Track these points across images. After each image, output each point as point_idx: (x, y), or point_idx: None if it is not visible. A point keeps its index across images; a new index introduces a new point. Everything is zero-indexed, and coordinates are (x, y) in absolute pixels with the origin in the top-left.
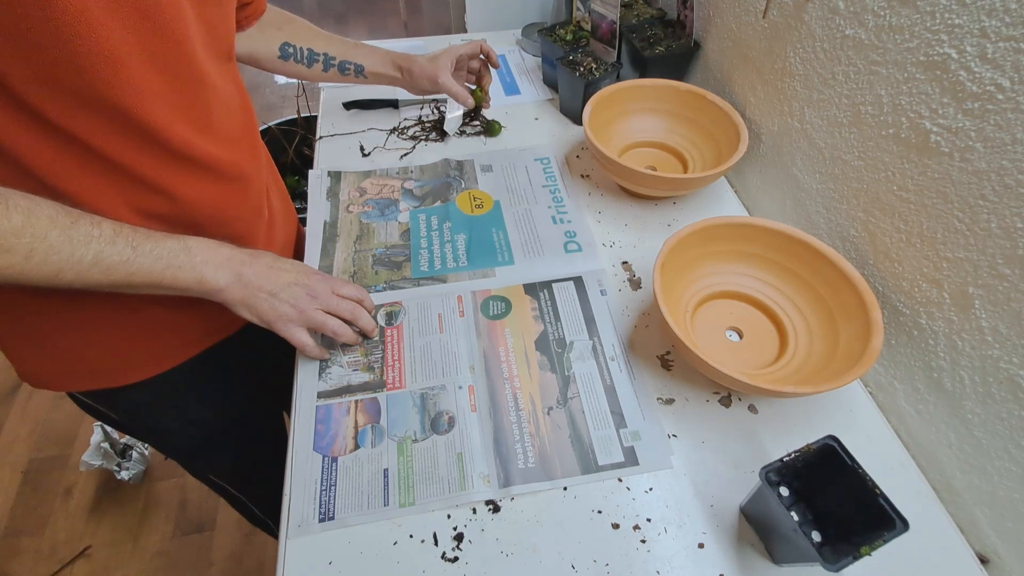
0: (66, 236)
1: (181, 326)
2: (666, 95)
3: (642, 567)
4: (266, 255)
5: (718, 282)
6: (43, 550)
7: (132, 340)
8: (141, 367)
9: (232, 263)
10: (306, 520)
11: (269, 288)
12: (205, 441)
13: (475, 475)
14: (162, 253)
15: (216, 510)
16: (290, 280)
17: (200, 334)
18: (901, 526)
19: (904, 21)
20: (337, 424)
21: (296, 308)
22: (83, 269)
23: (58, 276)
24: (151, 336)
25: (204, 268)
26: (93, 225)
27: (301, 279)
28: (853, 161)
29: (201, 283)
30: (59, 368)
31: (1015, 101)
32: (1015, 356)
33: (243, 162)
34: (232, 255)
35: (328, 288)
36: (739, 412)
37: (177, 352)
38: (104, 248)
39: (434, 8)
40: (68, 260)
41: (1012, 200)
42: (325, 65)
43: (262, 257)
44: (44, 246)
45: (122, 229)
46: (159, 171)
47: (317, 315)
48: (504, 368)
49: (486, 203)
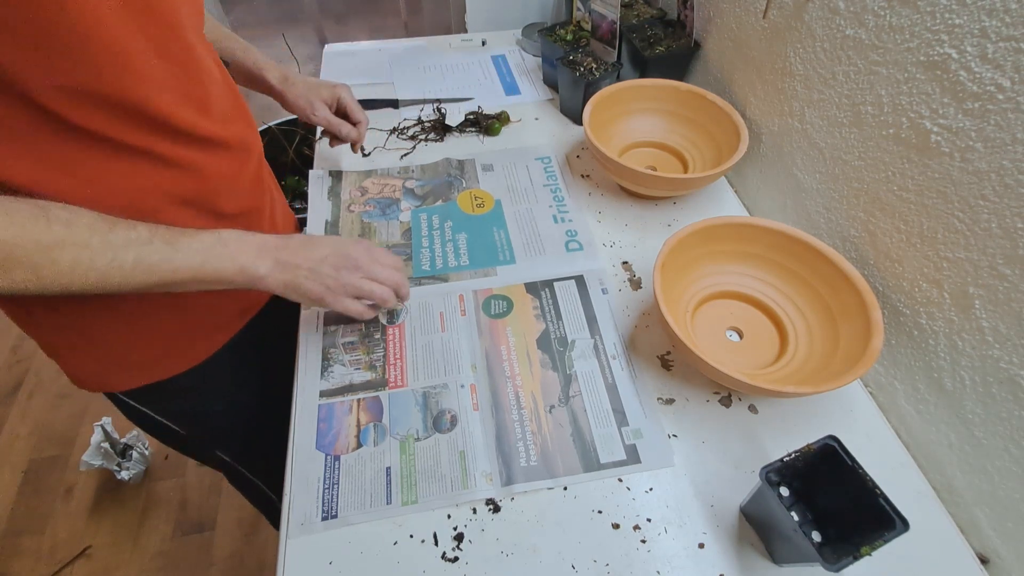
0: (106, 242)
1: (217, 308)
2: (666, 95)
3: (642, 567)
4: (295, 236)
5: (718, 282)
6: (43, 550)
7: (176, 328)
8: (187, 353)
9: (267, 248)
10: (309, 518)
11: (308, 265)
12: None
13: (478, 473)
14: (200, 247)
15: (216, 510)
16: (326, 253)
17: (234, 314)
18: (901, 526)
19: (904, 21)
20: (339, 423)
21: (339, 280)
22: (127, 273)
23: (104, 282)
24: (192, 322)
25: (242, 257)
26: (130, 228)
27: (339, 249)
28: (853, 161)
29: (243, 272)
30: (112, 367)
31: (1015, 101)
32: (1015, 356)
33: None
34: (264, 241)
35: (369, 256)
36: (739, 412)
37: (217, 335)
38: (143, 249)
39: (434, 8)
40: (111, 265)
41: (1012, 200)
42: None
43: (292, 238)
44: (87, 254)
45: (157, 229)
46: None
47: (363, 284)
48: (506, 366)
49: (487, 202)
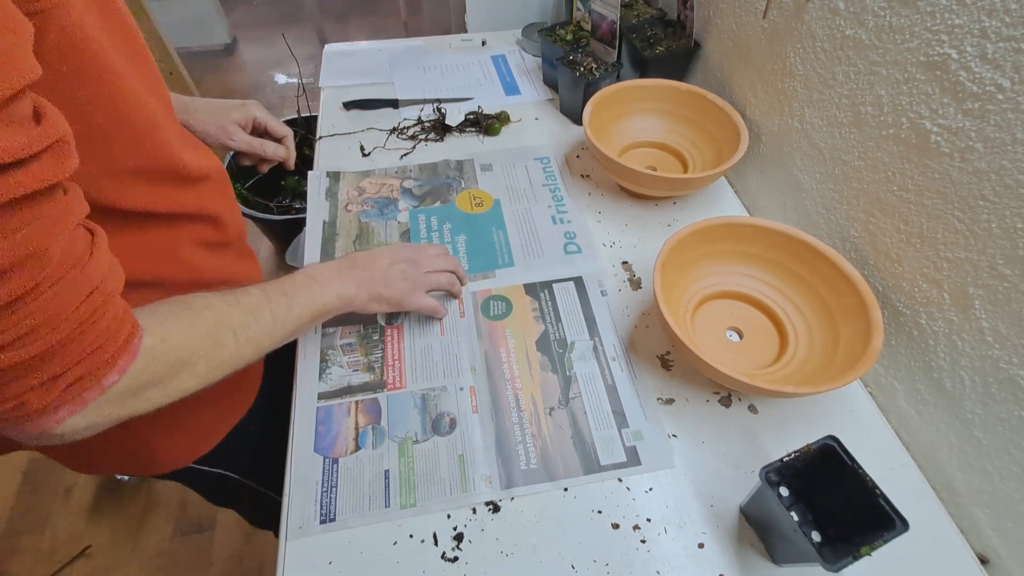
0: (244, 311)
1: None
2: (666, 95)
3: (642, 567)
4: (358, 254)
5: (718, 282)
6: (43, 550)
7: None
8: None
9: (343, 273)
10: (307, 521)
11: (379, 277)
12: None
13: (477, 477)
14: (301, 289)
15: (216, 510)
16: (388, 262)
17: None
18: (901, 526)
19: (904, 21)
20: (338, 425)
21: (411, 281)
22: (269, 331)
23: (260, 347)
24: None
25: (335, 286)
26: (247, 294)
27: (396, 257)
28: (853, 161)
29: (341, 298)
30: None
31: (1015, 101)
32: (1015, 356)
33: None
34: (339, 266)
35: (419, 251)
36: (739, 412)
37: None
38: (270, 306)
39: (434, 8)
40: (258, 328)
41: (1012, 200)
42: None
43: (357, 256)
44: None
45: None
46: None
47: (430, 278)
48: (505, 369)
49: (486, 202)
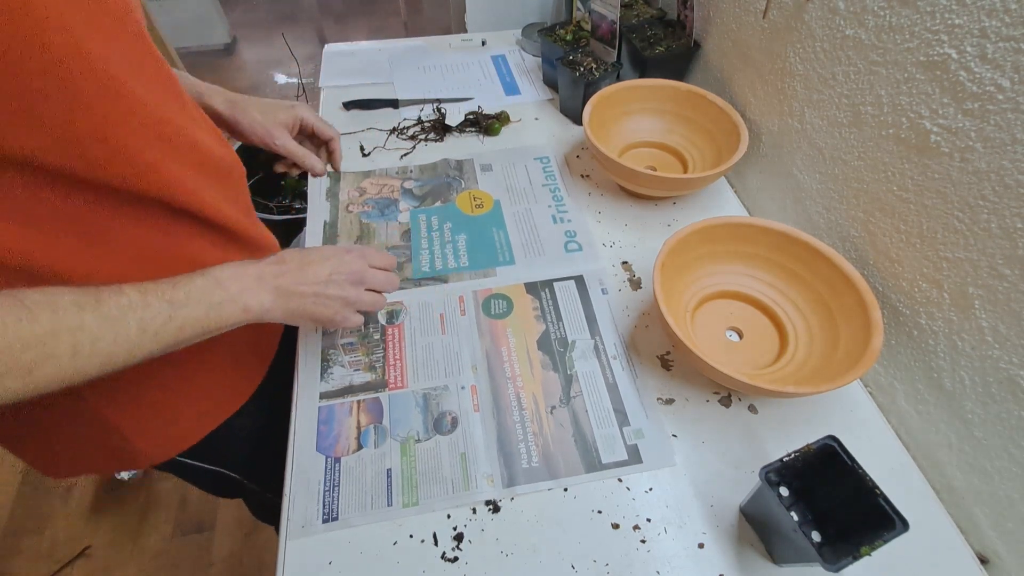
0: (100, 317)
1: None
2: (666, 95)
3: (642, 567)
4: (291, 255)
5: (718, 282)
6: (43, 550)
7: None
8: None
9: (265, 279)
10: (309, 521)
11: (312, 290)
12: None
13: (479, 475)
14: (197, 295)
15: (216, 510)
16: (328, 272)
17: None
18: (901, 526)
19: (904, 21)
20: (340, 424)
21: (346, 301)
22: (132, 345)
23: (110, 362)
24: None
25: (243, 296)
26: (118, 295)
27: (338, 268)
28: (853, 161)
29: (247, 311)
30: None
31: (1015, 101)
32: (1015, 356)
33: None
34: (261, 271)
35: (365, 265)
36: (739, 412)
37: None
38: (142, 314)
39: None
40: (115, 341)
41: (1012, 200)
42: None
43: (288, 260)
44: (86, 337)
45: (147, 289)
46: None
47: (365, 297)
48: (507, 368)
49: (486, 203)
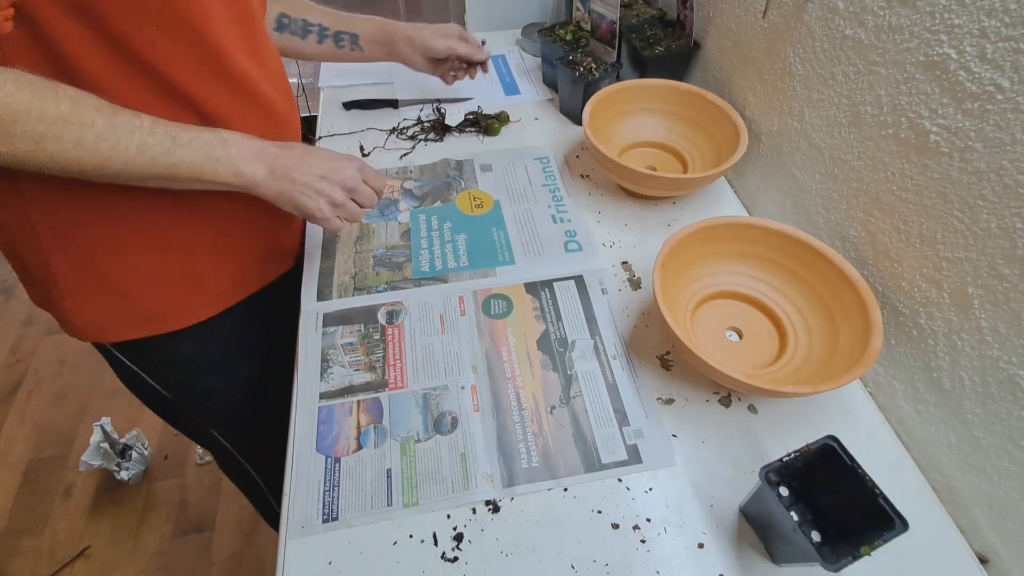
0: (111, 124)
1: (220, 275)
2: (666, 95)
3: (642, 567)
4: (297, 146)
5: (718, 282)
6: (43, 550)
7: (180, 284)
8: (188, 312)
9: (265, 155)
10: (309, 521)
11: (304, 180)
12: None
13: (479, 475)
14: (200, 144)
15: (216, 510)
16: (323, 171)
17: (235, 284)
18: (901, 526)
19: (904, 21)
20: (340, 425)
21: (331, 200)
22: (129, 158)
23: (107, 164)
24: (196, 282)
25: (240, 162)
26: (134, 116)
27: (336, 168)
28: (853, 161)
29: (239, 176)
30: (113, 314)
31: (1015, 101)
32: (1015, 356)
33: (283, 102)
34: (264, 147)
35: (359, 178)
36: (739, 412)
37: (217, 300)
38: (147, 138)
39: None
40: (115, 148)
41: (1012, 200)
42: (319, 36)
43: (293, 148)
44: (92, 134)
45: (160, 121)
46: (221, 103)
47: (349, 206)
48: (506, 367)
49: (486, 203)
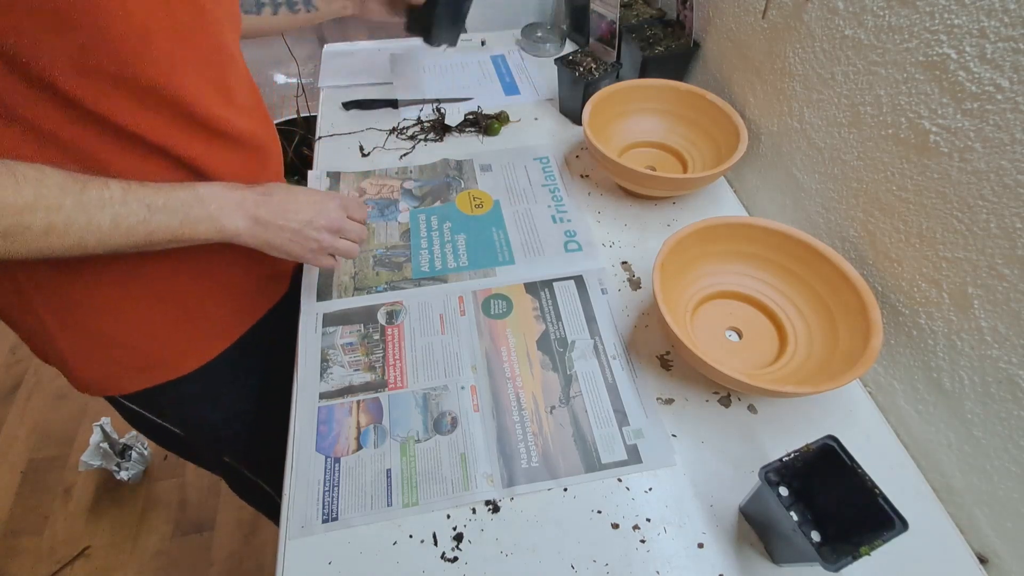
0: (79, 203)
1: (220, 314)
2: (666, 95)
3: (642, 567)
4: (277, 189)
5: (718, 282)
6: (42, 550)
7: (181, 330)
8: (194, 354)
9: (246, 205)
10: (309, 521)
11: (291, 227)
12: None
13: (479, 475)
14: (176, 206)
15: (216, 510)
16: (309, 218)
17: (237, 319)
18: (900, 526)
19: (903, 21)
20: (339, 425)
21: (320, 245)
22: (104, 234)
23: (80, 245)
24: (197, 325)
25: (221, 217)
26: (102, 187)
27: (320, 215)
28: (852, 161)
29: (221, 232)
30: (118, 369)
31: (1014, 101)
32: (1014, 356)
33: (260, 131)
34: (244, 197)
35: (344, 215)
36: (739, 412)
37: (220, 337)
38: (119, 210)
39: None
40: (87, 228)
41: (1011, 200)
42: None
43: (274, 193)
44: (61, 217)
45: (131, 187)
46: (191, 146)
47: (339, 245)
48: (506, 367)
49: (486, 203)
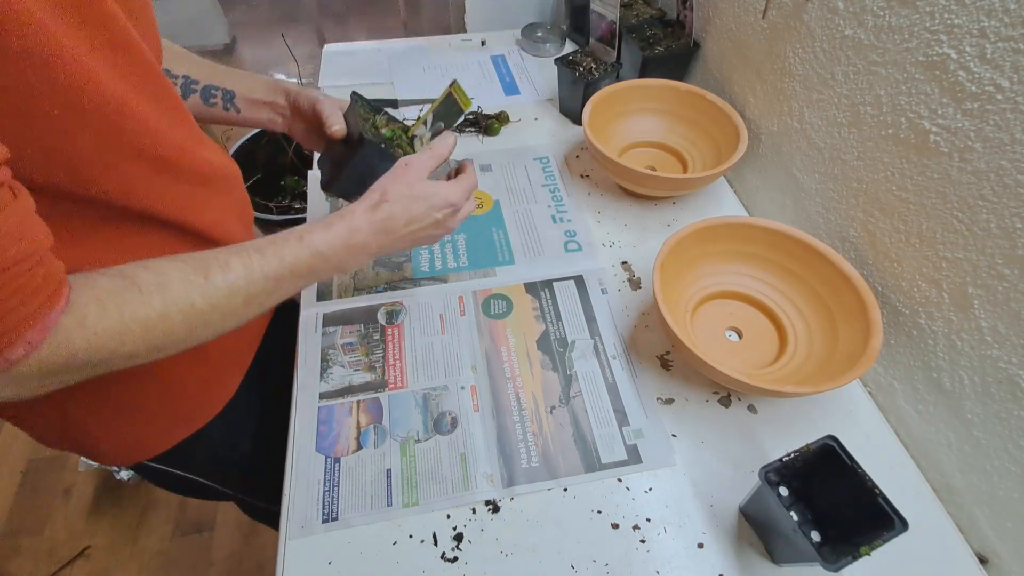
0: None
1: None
2: (666, 95)
3: (642, 567)
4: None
5: (718, 282)
6: (42, 550)
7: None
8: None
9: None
10: (309, 521)
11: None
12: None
13: (479, 475)
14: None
15: (216, 510)
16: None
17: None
18: (900, 526)
19: (903, 21)
20: (339, 425)
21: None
22: (240, 317)
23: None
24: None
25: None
26: (225, 270)
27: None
28: (852, 161)
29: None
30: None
31: (1014, 101)
32: (1014, 356)
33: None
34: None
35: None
36: (739, 412)
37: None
38: (249, 290)
39: (434, 8)
40: (224, 317)
41: (1011, 200)
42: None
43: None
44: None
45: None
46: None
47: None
48: (506, 367)
49: (486, 203)
